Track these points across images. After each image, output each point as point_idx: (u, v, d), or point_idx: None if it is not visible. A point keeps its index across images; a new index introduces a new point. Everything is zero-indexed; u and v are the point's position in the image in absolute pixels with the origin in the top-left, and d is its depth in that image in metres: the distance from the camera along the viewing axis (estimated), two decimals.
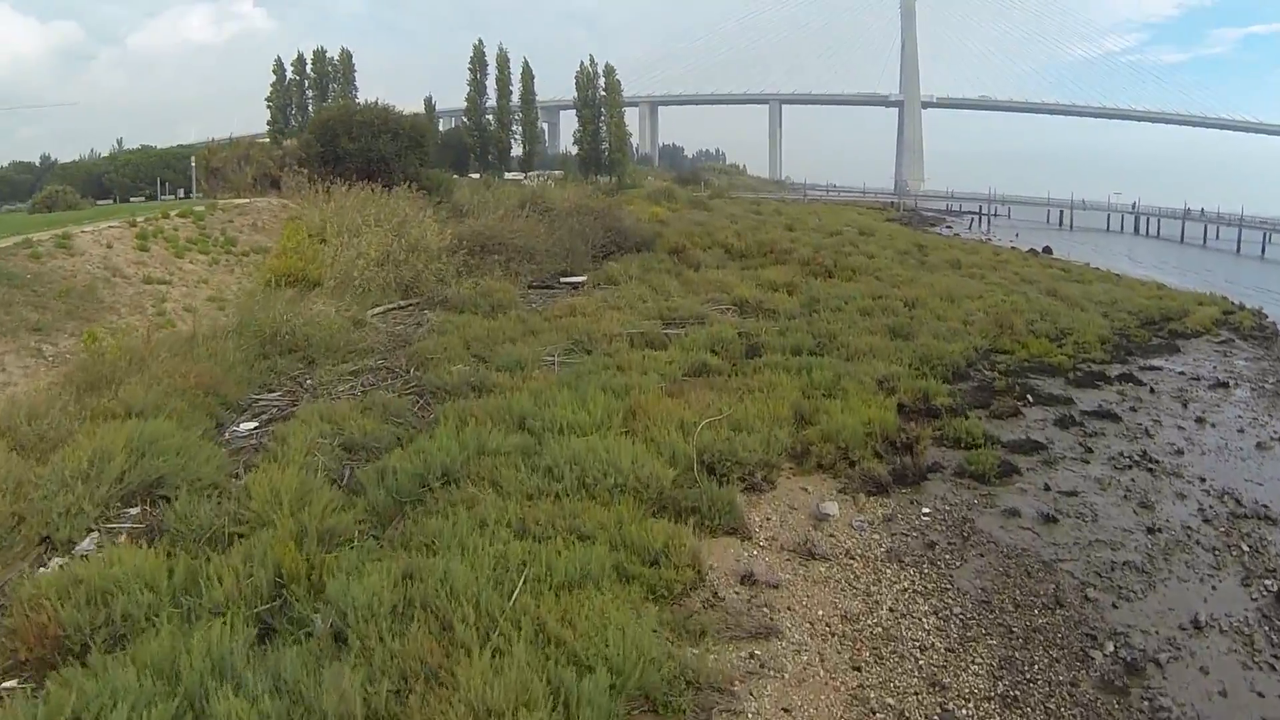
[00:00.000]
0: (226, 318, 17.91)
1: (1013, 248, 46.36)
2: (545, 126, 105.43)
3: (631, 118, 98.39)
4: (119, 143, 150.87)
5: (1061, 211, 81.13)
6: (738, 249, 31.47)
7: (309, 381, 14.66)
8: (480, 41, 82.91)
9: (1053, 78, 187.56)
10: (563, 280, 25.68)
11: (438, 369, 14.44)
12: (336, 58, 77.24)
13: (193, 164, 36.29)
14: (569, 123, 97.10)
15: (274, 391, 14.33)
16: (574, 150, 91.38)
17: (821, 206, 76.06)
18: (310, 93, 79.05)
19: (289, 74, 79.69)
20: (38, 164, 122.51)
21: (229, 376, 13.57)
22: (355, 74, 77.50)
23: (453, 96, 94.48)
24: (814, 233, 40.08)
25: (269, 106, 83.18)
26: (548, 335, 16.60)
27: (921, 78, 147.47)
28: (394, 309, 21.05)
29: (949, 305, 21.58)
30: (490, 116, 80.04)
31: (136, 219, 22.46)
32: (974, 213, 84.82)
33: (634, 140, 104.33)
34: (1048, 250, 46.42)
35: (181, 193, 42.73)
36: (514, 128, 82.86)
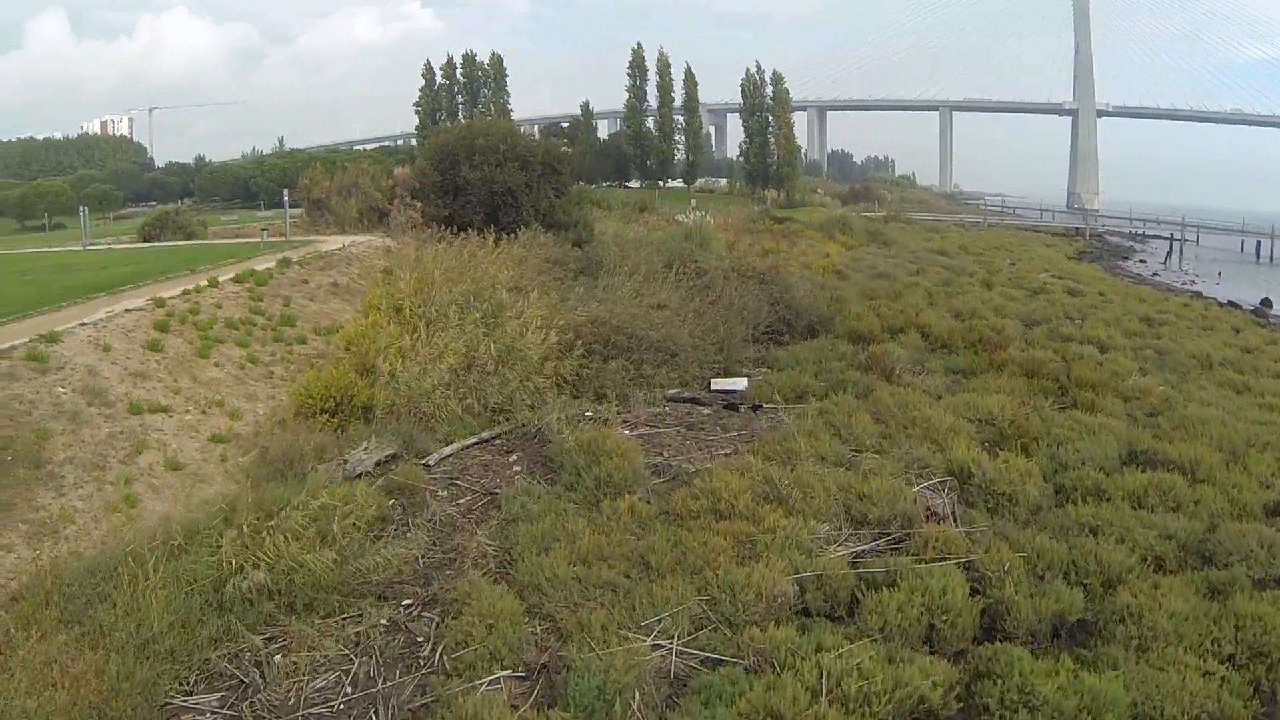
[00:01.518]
0: (217, 481, 12.97)
1: (1232, 305, 40.83)
2: (712, 129, 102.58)
3: (798, 122, 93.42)
4: (280, 141, 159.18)
5: (1259, 241, 70.40)
6: (937, 333, 24.45)
7: (275, 661, 9.30)
8: (639, 45, 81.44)
9: (1220, 81, 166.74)
10: (714, 387, 19.62)
11: (471, 659, 8.85)
12: (487, 62, 74.73)
13: (285, 195, 32.48)
14: (736, 125, 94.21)
15: (211, 694, 9.11)
16: (740, 158, 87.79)
17: (1005, 234, 72.81)
18: (460, 98, 78.09)
19: (438, 78, 78.91)
20: (192, 164, 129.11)
21: (134, 679, 8.47)
22: (507, 78, 76.09)
23: (612, 97, 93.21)
24: (1014, 287, 36.77)
25: (417, 112, 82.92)
26: (669, 577, 10.37)
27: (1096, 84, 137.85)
28: (472, 445, 15.56)
29: (1241, 474, 14.37)
30: (651, 123, 76.78)
31: (167, 297, 18.09)
32: (1163, 237, 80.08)
33: (802, 145, 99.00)
34: (1266, 304, 42.76)
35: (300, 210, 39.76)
36: (676, 136, 79.40)
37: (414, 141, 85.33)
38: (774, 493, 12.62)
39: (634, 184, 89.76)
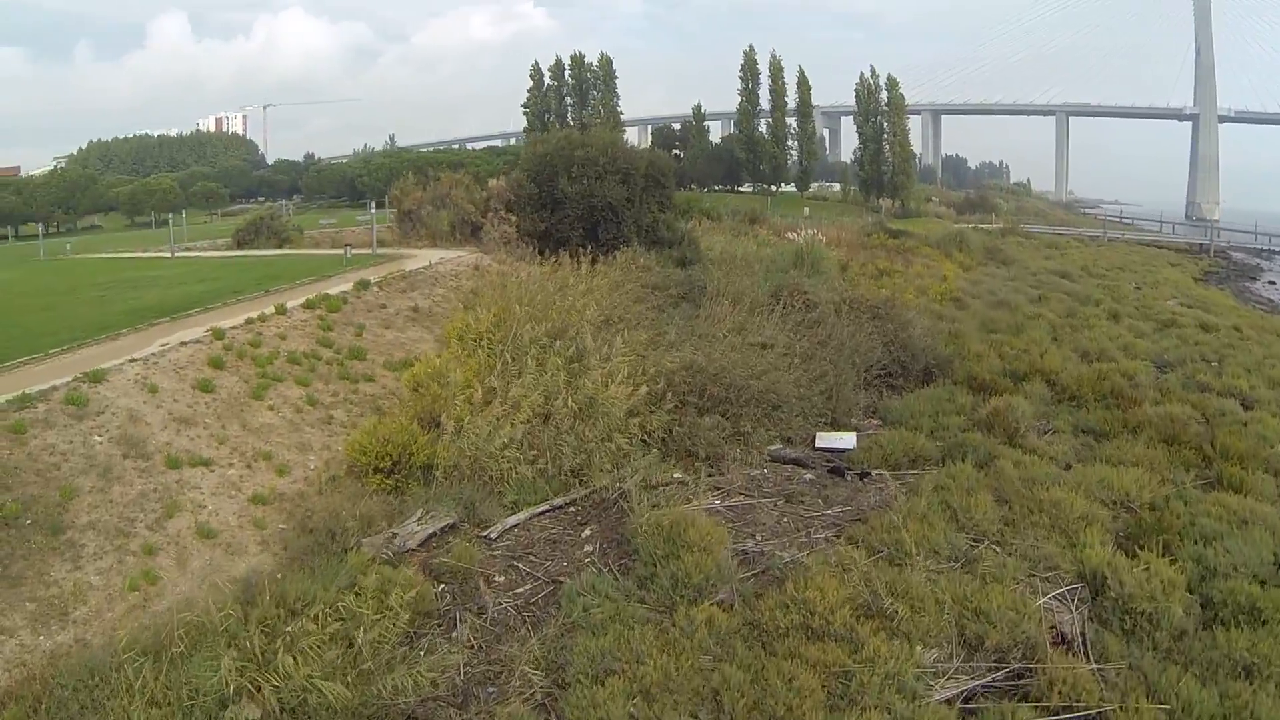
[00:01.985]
0: (251, 551, 11.63)
1: None
2: (825, 132, 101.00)
3: (912, 126, 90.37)
4: (391, 139, 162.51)
5: None
6: (1064, 381, 21.73)
7: None
8: (751, 48, 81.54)
9: None
10: (819, 444, 17.51)
11: None
12: (596, 63, 74.56)
13: (373, 208, 31.53)
14: (849, 128, 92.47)
15: None
16: (854, 163, 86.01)
17: (1126, 252, 70.01)
18: (569, 100, 77.92)
19: (547, 80, 79.09)
20: (301, 162, 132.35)
21: None
22: (616, 80, 75.34)
23: (724, 98, 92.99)
24: (1142, 318, 34.65)
25: (525, 113, 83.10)
26: None
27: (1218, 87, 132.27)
28: (543, 511, 13.87)
29: None
30: (764, 127, 75.72)
31: (228, 327, 17.02)
32: None
33: (916, 150, 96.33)
34: None
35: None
36: (789, 142, 77.96)
37: (523, 140, 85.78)
38: (876, 605, 10.49)
39: (746, 188, 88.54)
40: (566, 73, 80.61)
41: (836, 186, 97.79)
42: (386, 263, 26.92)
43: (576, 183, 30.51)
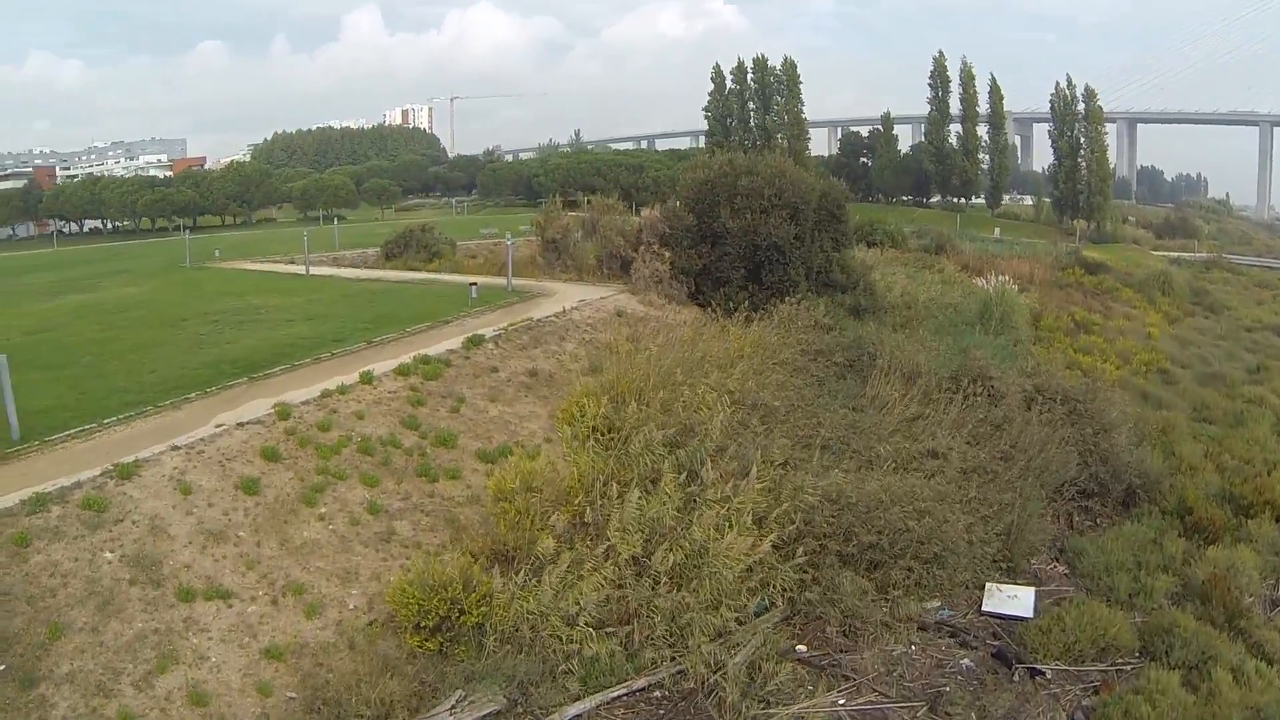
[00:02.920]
0: None
1: None
2: (1017, 139, 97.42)
3: (1107, 135, 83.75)
4: (576, 135, 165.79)
5: None
6: None
7: None
8: (941, 53, 78.87)
9: None
10: (987, 605, 14.44)
11: None
12: (779, 66, 73.58)
13: (509, 241, 29.80)
14: (1042, 136, 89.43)
15: None
16: (1046, 177, 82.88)
17: None
18: (751, 104, 76.36)
19: (729, 82, 78.10)
20: (480, 158, 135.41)
21: None
22: (801, 84, 74.08)
23: (914, 101, 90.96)
24: None
25: (706, 117, 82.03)
26: None
27: None
28: (619, 696, 11.34)
29: None
30: (954, 137, 73.61)
31: (297, 403, 15.36)
32: None
33: (1110, 161, 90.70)
34: None
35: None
36: (979, 155, 75.85)
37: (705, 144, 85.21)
38: None
39: (934, 199, 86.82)
40: (749, 76, 79.73)
41: (1029, 200, 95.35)
42: (516, 305, 25.10)
43: (739, 216, 27.69)
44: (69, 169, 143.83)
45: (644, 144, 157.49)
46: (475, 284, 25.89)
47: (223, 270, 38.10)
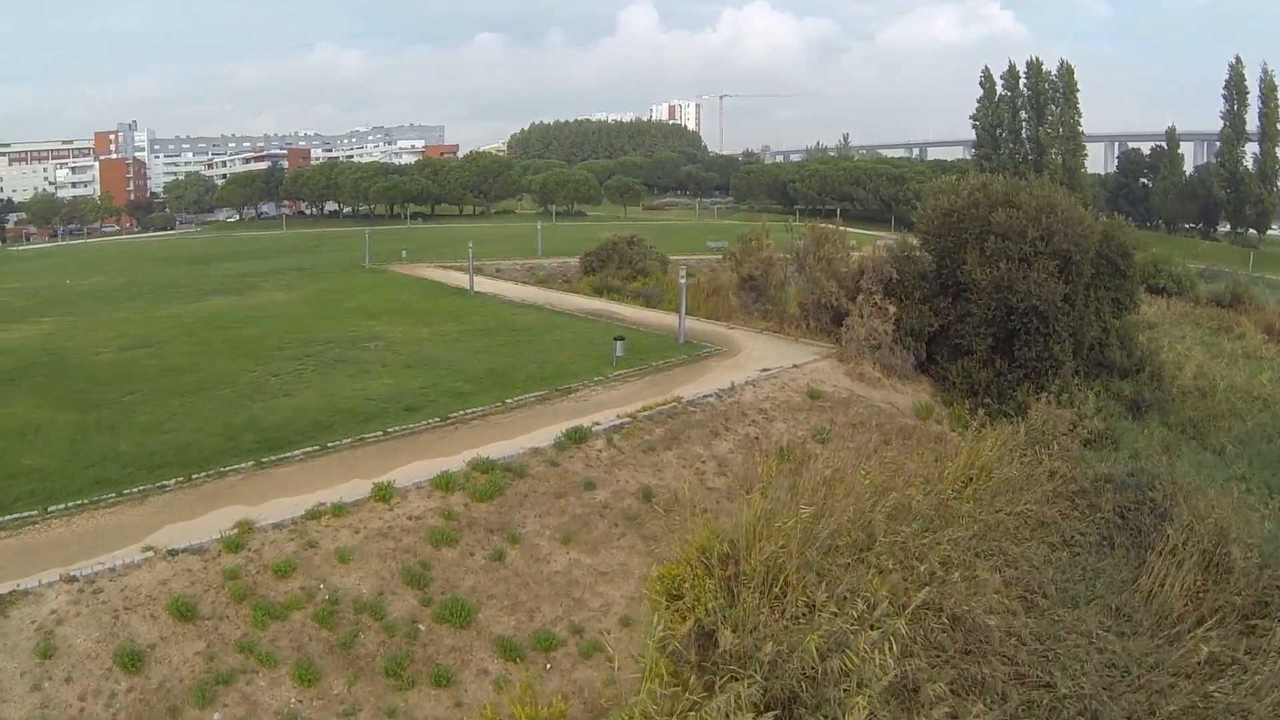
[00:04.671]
0: None
1: None
2: None
3: None
4: (844, 138, 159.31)
5: None
6: None
7: None
8: (1238, 59, 66.43)
9: None
10: None
11: None
12: (1055, 72, 65.92)
13: (683, 277, 24.63)
14: None
15: None
16: None
17: None
18: (1024, 113, 68.52)
19: (999, 88, 70.45)
20: (739, 158, 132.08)
21: None
22: (1078, 92, 66.00)
23: (1201, 116, 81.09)
24: None
25: (974, 126, 75.22)
26: None
27: None
28: None
29: None
30: (1250, 159, 68.64)
31: (267, 524, 11.53)
32: None
33: None
34: None
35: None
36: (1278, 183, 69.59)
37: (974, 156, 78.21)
38: None
39: (1222, 229, 78.59)
40: (1021, 82, 72.45)
41: None
42: (677, 368, 20.08)
43: (991, 264, 21.01)
44: (331, 151, 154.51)
45: (915, 152, 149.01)
46: (622, 340, 20.69)
47: (395, 275, 36.15)
